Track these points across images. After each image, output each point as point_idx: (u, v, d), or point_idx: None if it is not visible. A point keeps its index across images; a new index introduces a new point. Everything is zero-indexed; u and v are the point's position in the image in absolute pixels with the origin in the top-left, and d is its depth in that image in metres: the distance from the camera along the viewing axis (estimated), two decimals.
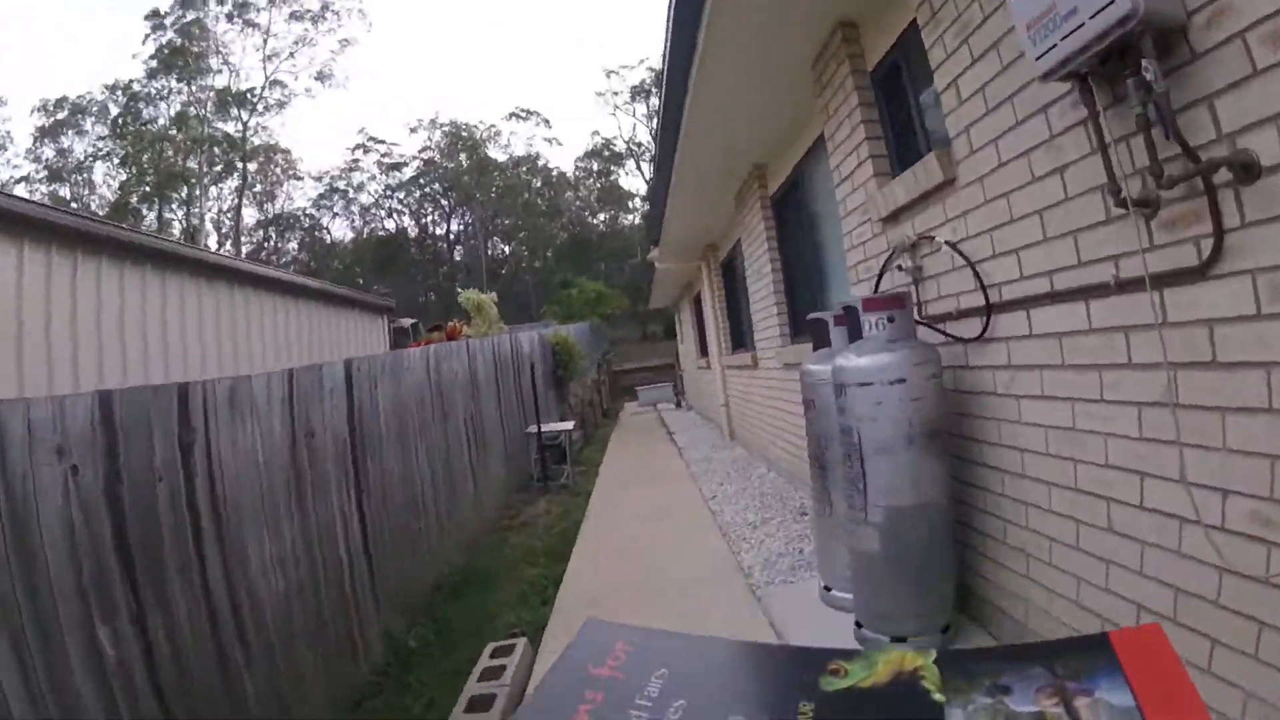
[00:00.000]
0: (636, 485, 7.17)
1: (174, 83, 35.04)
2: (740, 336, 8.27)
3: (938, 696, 0.42)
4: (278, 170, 41.61)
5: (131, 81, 34.77)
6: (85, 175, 35.09)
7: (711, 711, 0.44)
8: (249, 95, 37.17)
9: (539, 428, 7.46)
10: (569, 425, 8.05)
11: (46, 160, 34.41)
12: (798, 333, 5.54)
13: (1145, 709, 0.38)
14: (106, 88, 34.87)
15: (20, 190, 34.01)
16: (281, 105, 38.48)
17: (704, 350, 12.31)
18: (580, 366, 13.15)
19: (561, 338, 12.42)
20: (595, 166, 47.80)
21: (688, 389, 15.69)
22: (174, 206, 36.45)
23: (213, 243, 38.68)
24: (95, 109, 34.62)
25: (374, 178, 44.38)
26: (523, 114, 46.87)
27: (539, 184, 46.45)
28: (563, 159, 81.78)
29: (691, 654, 0.50)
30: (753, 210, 5.99)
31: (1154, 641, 0.43)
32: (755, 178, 5.75)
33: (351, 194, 44.16)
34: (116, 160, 34.70)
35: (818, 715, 0.42)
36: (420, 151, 44.58)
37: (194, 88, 35.41)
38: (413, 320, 20.54)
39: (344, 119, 78.81)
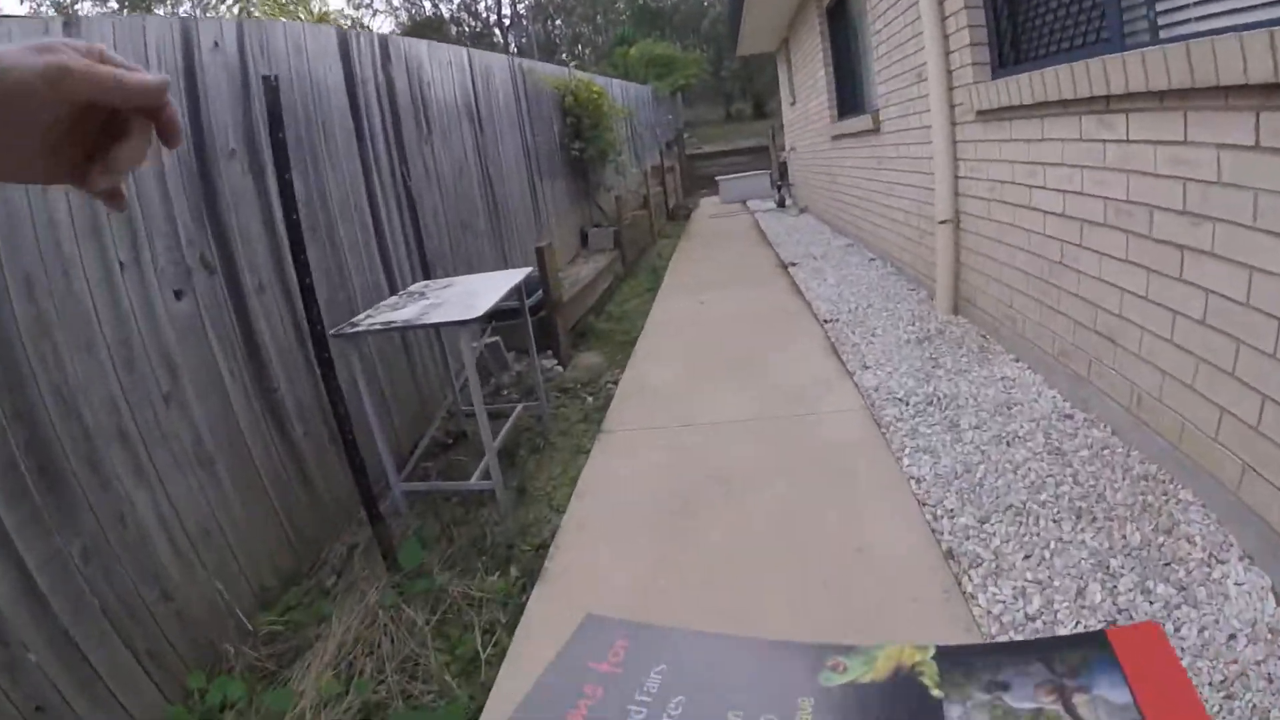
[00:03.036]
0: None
1: None
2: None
3: (936, 692, 0.41)
4: None
5: None
6: None
7: (711, 708, 0.42)
8: None
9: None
10: (518, 279, 2.79)
11: None
12: None
13: (1143, 706, 0.37)
14: None
15: None
16: None
17: (844, 102, 6.45)
18: (615, 139, 7.50)
19: (582, 84, 6.77)
20: None
21: (798, 179, 9.86)
22: None
23: None
24: None
25: None
26: None
27: None
28: None
29: (691, 650, 0.48)
30: None
31: (1152, 639, 0.42)
32: None
33: None
34: None
35: (817, 711, 0.41)
36: None
37: None
38: None
39: None
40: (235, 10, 3.84)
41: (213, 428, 1.96)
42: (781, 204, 10.01)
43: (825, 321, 3.78)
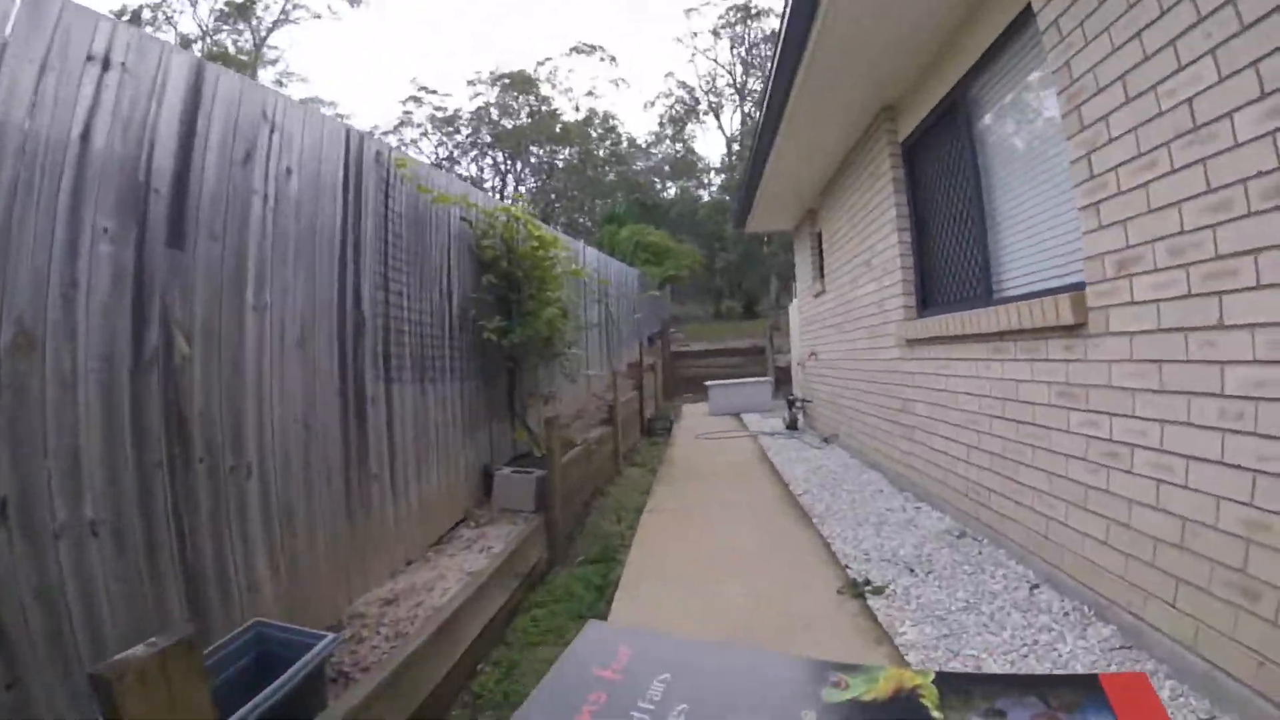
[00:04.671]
0: None
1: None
2: None
3: (936, 715, 0.42)
4: None
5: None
6: None
7: (713, 716, 0.43)
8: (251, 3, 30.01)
9: None
10: None
11: None
12: None
13: None
14: (114, 13, 28.39)
15: None
16: (287, 18, 31.32)
17: (934, 289, 4.07)
18: (564, 321, 4.94)
19: (516, 222, 4.37)
20: (668, 117, 39.11)
21: (818, 396, 7.36)
22: None
23: None
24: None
25: (427, 134, 37.33)
26: (586, 49, 38.55)
27: (604, 151, 38.26)
28: (629, 106, 74.41)
29: (695, 659, 0.49)
30: None
31: (1140, 687, 0.43)
32: None
33: (405, 149, 37.29)
34: None
35: None
36: (472, 99, 37.06)
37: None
38: None
39: (398, 68, 69.49)
40: None
41: None
42: (793, 425, 7.47)
43: None
